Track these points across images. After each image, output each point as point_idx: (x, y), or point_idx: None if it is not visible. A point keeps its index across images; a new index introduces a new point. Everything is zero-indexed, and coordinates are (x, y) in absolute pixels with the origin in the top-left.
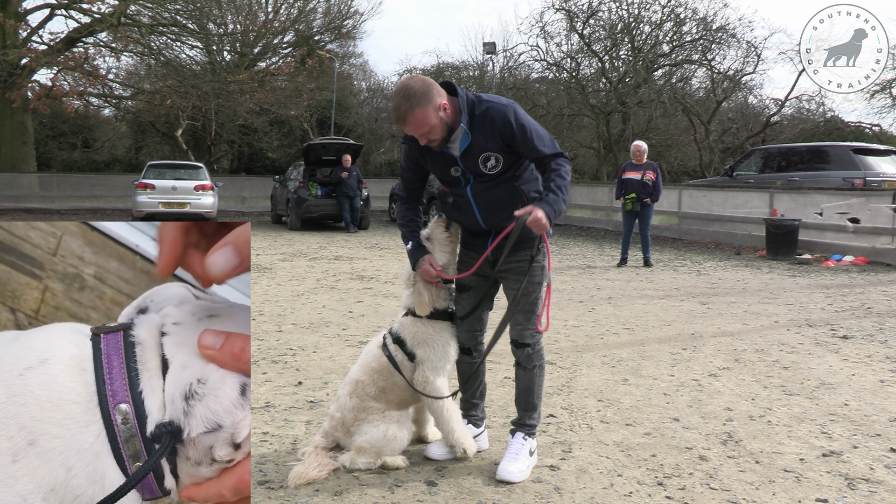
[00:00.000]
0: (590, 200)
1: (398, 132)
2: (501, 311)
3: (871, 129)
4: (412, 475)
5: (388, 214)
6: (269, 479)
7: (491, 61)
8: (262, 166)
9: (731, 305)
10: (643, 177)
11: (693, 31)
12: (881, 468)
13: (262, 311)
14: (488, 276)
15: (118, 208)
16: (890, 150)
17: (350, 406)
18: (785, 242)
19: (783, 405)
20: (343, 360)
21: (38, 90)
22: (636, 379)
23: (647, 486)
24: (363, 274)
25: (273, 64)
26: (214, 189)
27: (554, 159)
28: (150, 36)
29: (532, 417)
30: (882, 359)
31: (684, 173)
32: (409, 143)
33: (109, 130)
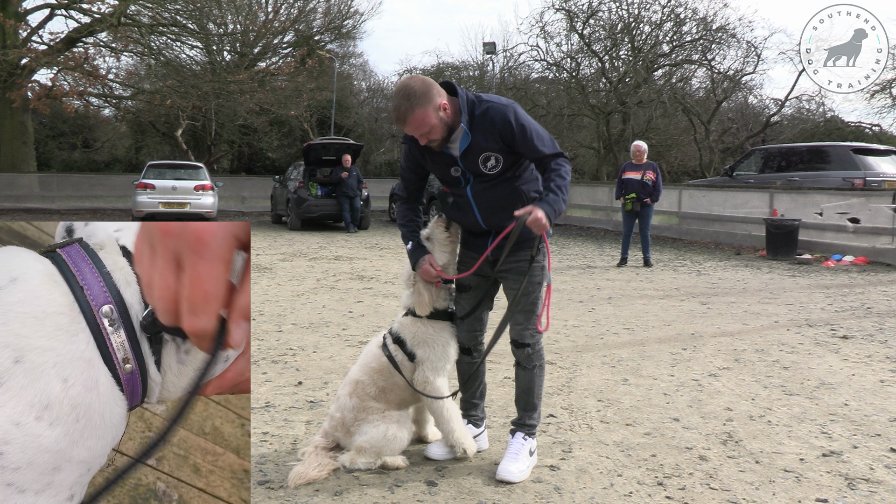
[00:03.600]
0: (590, 200)
1: (398, 132)
2: (501, 311)
3: (871, 129)
4: (412, 475)
5: (388, 214)
6: (269, 479)
7: (491, 61)
8: (262, 166)
9: (731, 305)
10: (643, 177)
11: (693, 31)
12: (881, 468)
13: (262, 311)
14: (488, 276)
15: (118, 208)
16: (890, 150)
17: (350, 406)
18: (785, 242)
19: (783, 405)
20: (343, 360)
21: (38, 90)
22: (636, 379)
23: (647, 486)
24: (363, 274)
25: (273, 64)
26: (214, 189)
27: (554, 159)
28: (150, 36)
29: (532, 417)
30: (882, 359)
31: (684, 173)
32: (409, 143)
33: (109, 130)
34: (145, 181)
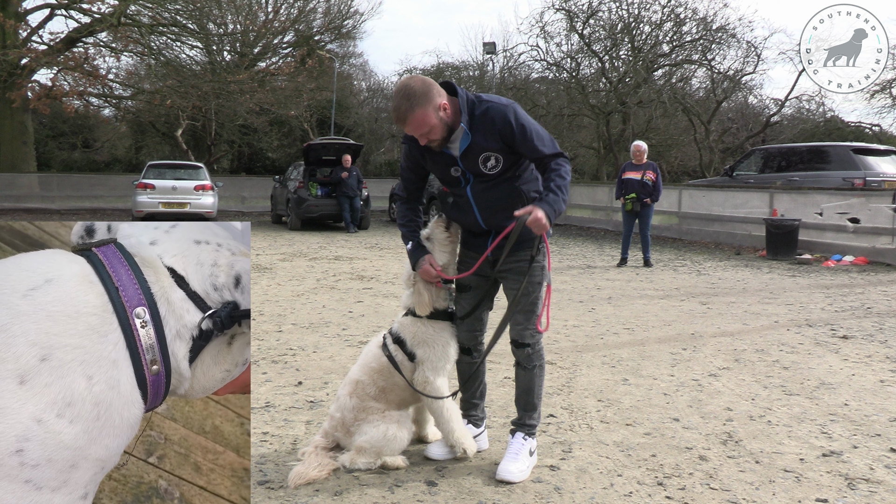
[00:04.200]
0: (590, 200)
1: (398, 132)
2: (501, 311)
3: (871, 129)
4: (412, 475)
5: (388, 214)
6: (269, 479)
7: (491, 61)
8: (262, 166)
9: (731, 305)
10: (643, 177)
11: (693, 31)
12: (881, 468)
13: (262, 311)
14: (488, 276)
15: (118, 208)
16: (890, 150)
17: (350, 406)
18: (785, 242)
19: (783, 405)
20: (343, 360)
21: (38, 90)
22: (636, 379)
23: (647, 486)
24: (363, 274)
25: (273, 64)
26: (214, 189)
27: (554, 159)
28: (150, 36)
29: (532, 417)
30: (882, 359)
31: (684, 173)
32: (409, 143)
33: (109, 130)
34: (145, 181)
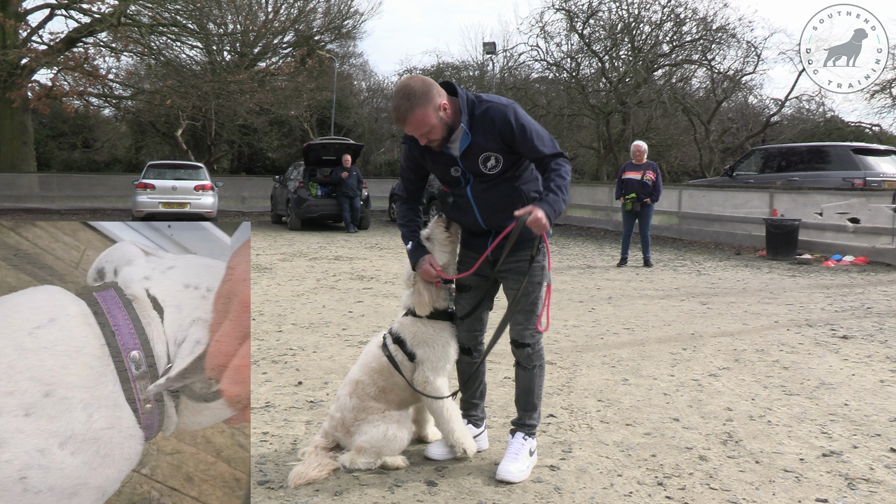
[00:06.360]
0: (590, 200)
1: (398, 132)
2: (501, 311)
3: (871, 129)
4: (412, 475)
5: (388, 214)
6: (269, 479)
7: (491, 61)
8: (262, 166)
9: (731, 305)
10: (643, 177)
11: (693, 31)
12: (881, 468)
13: (262, 311)
14: (488, 276)
15: (118, 208)
16: (890, 150)
17: (350, 406)
18: (785, 242)
19: (783, 405)
20: (343, 360)
21: (38, 90)
22: (636, 379)
23: (647, 486)
24: (363, 274)
25: (273, 64)
26: (214, 189)
27: (554, 159)
28: (150, 36)
29: (532, 417)
30: (882, 359)
31: (684, 173)
32: (409, 143)
33: (109, 130)
34: (145, 181)
